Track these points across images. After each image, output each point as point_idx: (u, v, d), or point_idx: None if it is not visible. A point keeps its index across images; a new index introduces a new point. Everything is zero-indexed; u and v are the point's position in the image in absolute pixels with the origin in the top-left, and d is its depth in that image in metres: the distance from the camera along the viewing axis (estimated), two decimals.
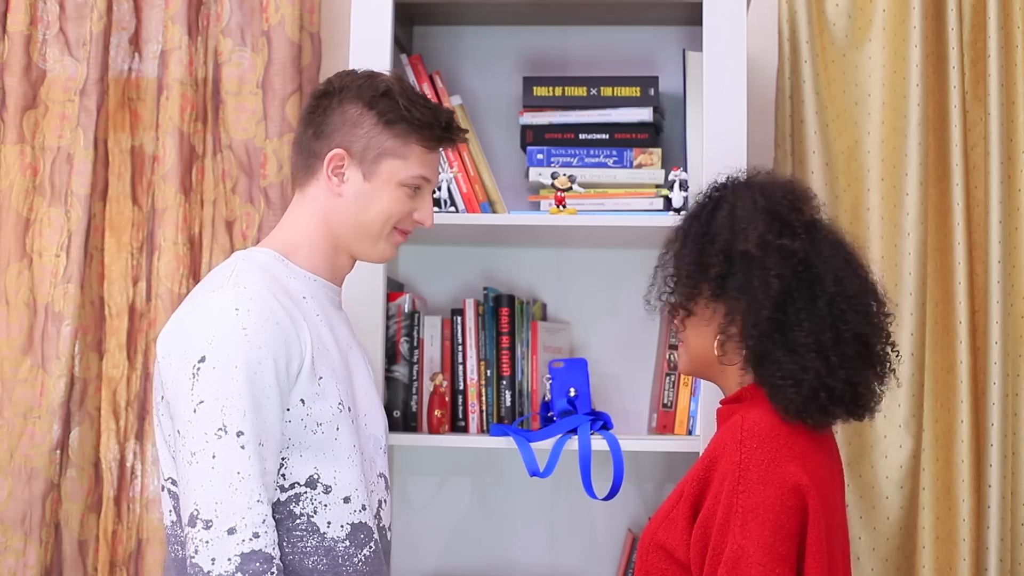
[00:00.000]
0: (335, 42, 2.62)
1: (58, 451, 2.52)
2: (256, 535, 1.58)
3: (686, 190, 2.29)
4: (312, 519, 1.68)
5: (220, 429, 1.59)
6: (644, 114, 2.40)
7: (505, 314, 2.42)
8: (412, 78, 2.40)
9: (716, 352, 1.75)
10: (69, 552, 2.56)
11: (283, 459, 1.67)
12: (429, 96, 2.38)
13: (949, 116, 2.52)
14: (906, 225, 2.49)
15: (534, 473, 2.14)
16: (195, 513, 1.58)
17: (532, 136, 2.43)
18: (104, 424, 2.61)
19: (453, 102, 2.41)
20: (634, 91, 2.41)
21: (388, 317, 2.34)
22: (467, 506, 2.61)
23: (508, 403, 2.40)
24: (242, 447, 1.59)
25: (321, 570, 1.69)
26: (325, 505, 1.69)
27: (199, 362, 1.62)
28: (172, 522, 1.73)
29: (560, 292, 2.61)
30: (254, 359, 1.62)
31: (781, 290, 1.68)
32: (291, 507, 1.68)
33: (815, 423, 1.68)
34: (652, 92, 2.41)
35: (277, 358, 1.65)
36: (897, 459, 2.47)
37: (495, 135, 2.57)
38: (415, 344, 2.39)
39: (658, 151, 2.39)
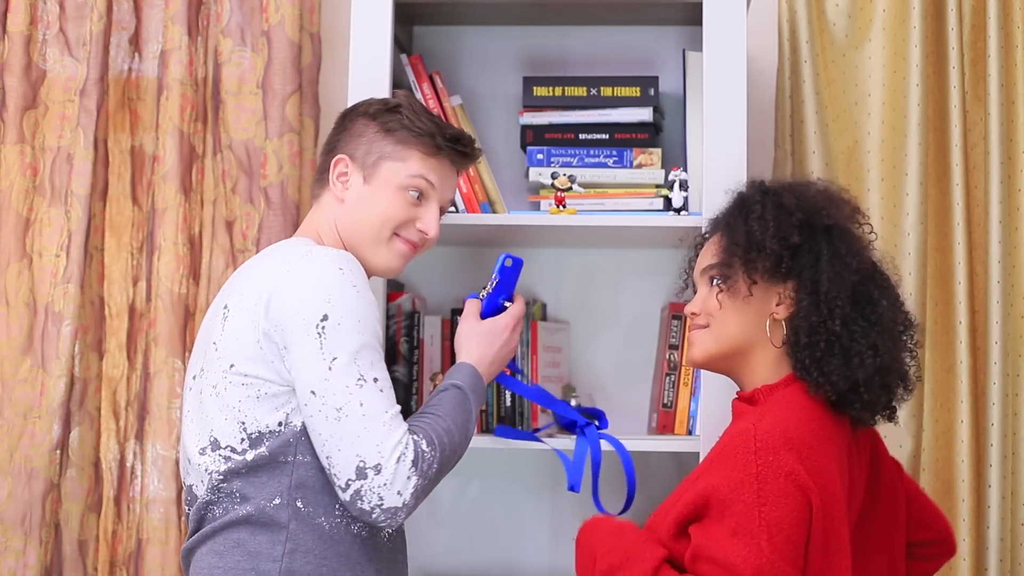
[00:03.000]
0: (335, 42, 2.62)
1: (58, 451, 2.52)
2: (407, 445, 1.65)
3: (686, 190, 2.29)
4: None
5: (360, 379, 1.66)
6: (644, 114, 2.40)
7: None
8: (412, 78, 2.40)
9: (767, 334, 1.70)
10: (69, 552, 2.56)
11: None
12: (429, 96, 2.38)
13: (949, 116, 2.52)
14: (906, 225, 2.49)
15: (574, 487, 2.07)
16: (362, 464, 1.63)
17: (532, 136, 2.43)
18: (104, 424, 2.61)
19: (453, 102, 2.41)
20: (634, 91, 2.41)
21: (388, 317, 2.34)
22: (467, 507, 2.61)
23: (508, 403, 2.39)
24: (381, 391, 1.68)
25: (364, 537, 1.76)
26: None
27: (322, 321, 1.67)
28: (220, 486, 1.75)
29: (560, 292, 2.61)
30: (370, 314, 1.71)
31: (870, 263, 1.67)
32: None
33: (859, 413, 1.68)
34: (652, 92, 2.41)
35: (377, 315, 1.74)
36: (897, 459, 2.47)
37: (495, 135, 2.57)
38: (415, 344, 2.39)
39: (658, 151, 2.39)
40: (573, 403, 2.42)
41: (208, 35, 2.62)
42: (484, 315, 1.94)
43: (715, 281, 1.75)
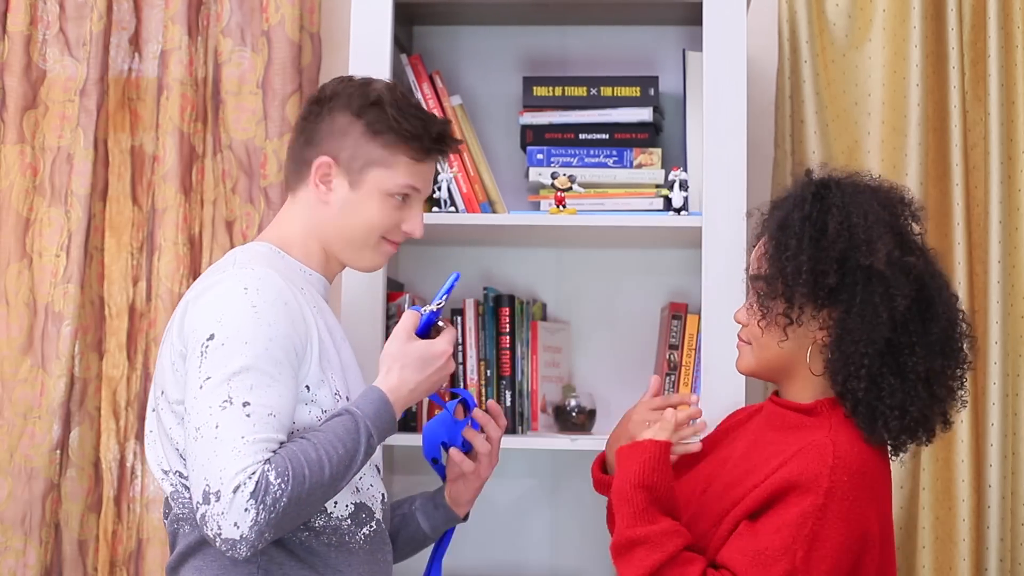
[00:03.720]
0: (335, 42, 2.62)
1: (58, 451, 2.52)
2: (252, 474, 1.55)
3: (686, 190, 2.29)
4: None
5: (225, 401, 1.58)
6: (644, 114, 2.40)
7: (505, 314, 2.42)
8: (412, 78, 2.40)
9: (807, 360, 1.67)
10: (69, 552, 2.56)
11: None
12: (429, 96, 2.38)
13: (949, 116, 2.52)
14: None
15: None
16: (207, 489, 1.55)
17: (532, 136, 2.43)
18: (104, 424, 2.61)
19: (453, 102, 2.41)
20: (634, 91, 2.41)
21: (388, 317, 2.34)
22: None
23: (508, 403, 2.40)
24: (248, 415, 1.58)
25: (335, 545, 1.73)
26: None
27: (208, 340, 1.62)
28: (178, 509, 1.75)
29: (560, 292, 2.61)
30: (264, 336, 1.63)
31: (903, 311, 1.61)
32: None
33: (897, 452, 1.67)
34: (652, 92, 2.41)
35: (286, 336, 1.66)
36: (897, 459, 2.47)
37: (495, 135, 2.57)
38: None
39: (658, 151, 2.39)
40: (573, 402, 2.42)
41: (208, 35, 2.62)
42: (419, 332, 1.80)
43: (758, 302, 1.71)
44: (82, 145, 2.57)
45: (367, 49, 2.28)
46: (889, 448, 1.69)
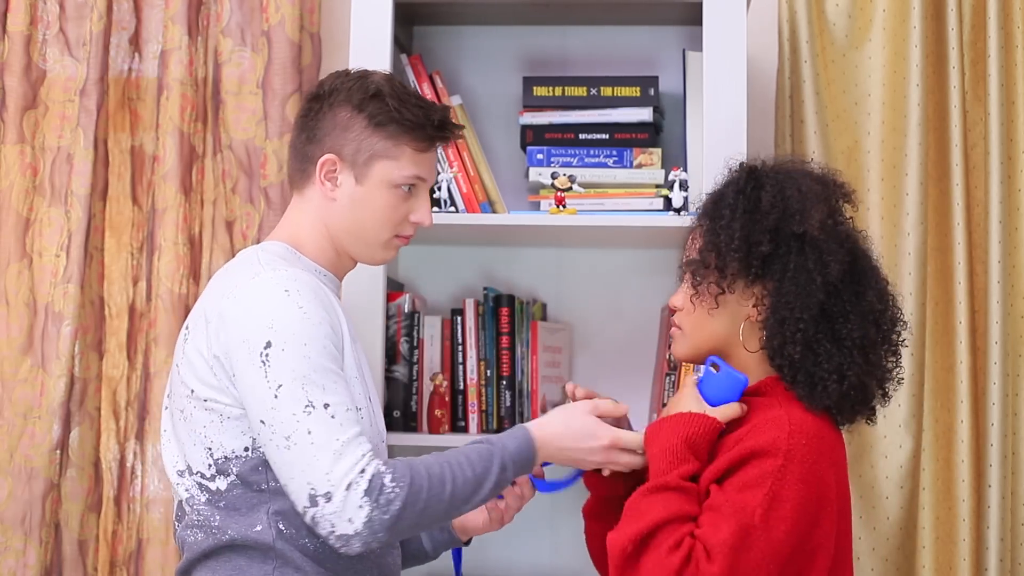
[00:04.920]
0: (335, 42, 2.63)
1: (58, 451, 2.52)
2: (362, 471, 1.58)
3: (686, 190, 2.29)
4: None
5: (308, 406, 1.60)
6: (644, 114, 2.40)
7: (505, 314, 2.42)
8: (412, 78, 2.40)
9: (740, 338, 1.68)
10: (69, 552, 2.56)
11: None
12: (429, 96, 2.38)
13: (949, 116, 2.52)
14: (906, 225, 2.49)
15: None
16: (313, 493, 1.57)
17: (532, 136, 2.43)
18: (104, 424, 2.61)
19: (453, 102, 2.42)
20: (634, 91, 2.41)
21: (388, 317, 2.34)
22: None
23: (508, 403, 2.40)
24: (332, 416, 1.60)
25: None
26: None
27: (265, 348, 1.62)
28: (196, 508, 1.73)
29: (560, 292, 2.61)
30: (319, 334, 1.65)
31: (837, 276, 1.64)
32: None
33: (840, 422, 1.68)
34: (652, 92, 2.41)
35: (334, 332, 1.68)
36: (897, 459, 2.48)
37: (495, 135, 2.57)
38: (415, 344, 2.39)
39: (658, 151, 2.39)
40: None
41: (208, 35, 2.62)
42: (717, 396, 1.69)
43: (690, 282, 1.73)
44: (82, 145, 2.57)
45: (367, 49, 2.28)
46: (836, 420, 1.69)
